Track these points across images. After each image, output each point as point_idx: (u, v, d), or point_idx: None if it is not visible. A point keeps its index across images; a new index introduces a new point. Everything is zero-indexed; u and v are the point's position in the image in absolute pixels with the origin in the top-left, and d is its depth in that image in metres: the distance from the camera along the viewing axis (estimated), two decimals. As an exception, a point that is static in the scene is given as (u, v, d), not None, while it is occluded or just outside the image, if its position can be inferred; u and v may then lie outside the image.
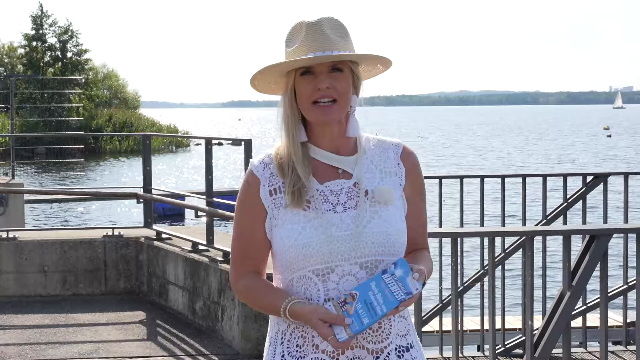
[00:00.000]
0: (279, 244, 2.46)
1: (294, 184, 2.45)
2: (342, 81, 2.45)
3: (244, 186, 2.53)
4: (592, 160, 49.20)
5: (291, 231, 2.43)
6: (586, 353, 6.52)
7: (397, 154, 2.56)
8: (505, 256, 6.92)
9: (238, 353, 6.90)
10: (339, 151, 2.51)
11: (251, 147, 7.27)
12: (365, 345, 2.43)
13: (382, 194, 2.47)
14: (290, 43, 2.49)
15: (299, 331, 2.47)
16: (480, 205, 7.05)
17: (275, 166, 2.50)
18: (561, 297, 4.32)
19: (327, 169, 2.50)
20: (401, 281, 2.34)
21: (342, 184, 2.48)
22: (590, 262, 4.22)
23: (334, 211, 2.45)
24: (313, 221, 2.43)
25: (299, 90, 2.46)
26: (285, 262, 2.46)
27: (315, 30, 2.45)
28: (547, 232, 4.85)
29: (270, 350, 2.53)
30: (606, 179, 7.10)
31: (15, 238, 8.91)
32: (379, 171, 2.52)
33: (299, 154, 2.46)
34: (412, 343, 2.52)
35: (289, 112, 2.48)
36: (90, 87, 59.07)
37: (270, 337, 2.55)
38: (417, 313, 4.90)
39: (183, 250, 8.11)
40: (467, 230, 4.75)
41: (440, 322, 6.78)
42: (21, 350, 7.07)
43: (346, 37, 2.49)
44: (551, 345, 4.38)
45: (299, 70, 2.46)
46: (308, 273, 2.43)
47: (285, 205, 2.46)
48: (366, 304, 2.33)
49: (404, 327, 2.50)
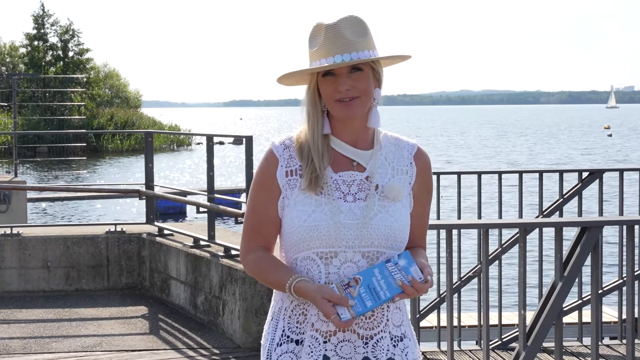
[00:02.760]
0: (288, 223, 2.58)
1: (312, 171, 2.56)
2: (362, 80, 2.56)
3: (262, 164, 2.65)
4: (595, 159, 49.23)
5: (302, 212, 2.55)
6: (582, 347, 6.61)
7: (411, 154, 2.68)
8: (502, 251, 7.01)
9: (239, 347, 7.00)
10: (357, 144, 2.63)
11: (252, 144, 7.37)
12: (357, 330, 2.55)
13: (391, 190, 2.59)
14: (312, 44, 2.60)
15: (300, 309, 2.59)
16: (477, 200, 7.15)
17: (295, 149, 2.62)
18: (553, 288, 4.43)
19: (344, 160, 2.62)
20: (404, 270, 2.45)
21: (355, 176, 2.60)
22: (581, 254, 4.33)
23: (344, 200, 2.57)
24: (323, 206, 2.55)
25: (322, 90, 2.58)
26: (292, 241, 2.58)
27: (334, 32, 2.54)
28: (540, 224, 4.95)
29: (272, 324, 2.66)
30: (602, 175, 7.19)
31: (19, 234, 9.01)
32: (392, 168, 2.64)
33: (317, 145, 2.58)
34: (406, 333, 2.64)
35: (311, 109, 2.61)
36: (91, 87, 59.14)
37: (273, 312, 2.67)
38: (413, 308, 4.99)
39: (185, 246, 8.21)
40: (462, 222, 4.86)
41: (438, 316, 6.87)
42: (25, 343, 7.18)
43: (365, 35, 2.57)
44: (543, 335, 4.49)
45: (320, 72, 2.58)
46: (312, 254, 2.55)
47: (300, 188, 2.58)
48: (369, 289, 2.43)
49: (399, 318, 2.62)
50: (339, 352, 2.54)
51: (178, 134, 31.67)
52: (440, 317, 6.90)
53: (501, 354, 6.44)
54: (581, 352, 6.49)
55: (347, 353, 2.54)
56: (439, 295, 7.17)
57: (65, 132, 12.83)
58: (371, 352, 2.55)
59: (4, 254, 8.92)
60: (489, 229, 4.48)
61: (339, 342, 2.54)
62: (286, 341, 2.59)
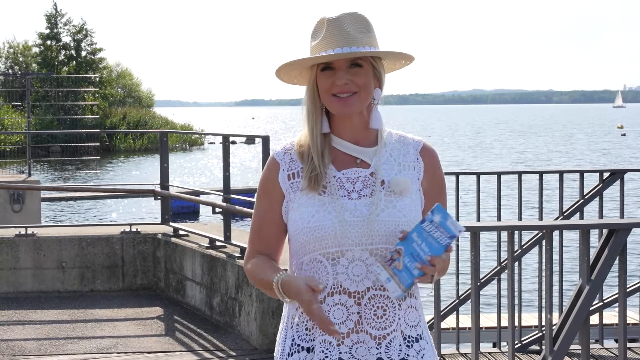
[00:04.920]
0: (292, 226, 2.52)
1: (312, 170, 2.51)
2: (361, 76, 2.50)
3: (265, 170, 2.61)
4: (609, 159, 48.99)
5: (305, 214, 2.49)
6: (603, 349, 6.52)
7: (417, 150, 2.60)
8: (522, 252, 6.92)
9: (255, 348, 6.93)
10: (359, 143, 2.57)
11: (268, 143, 7.31)
12: (369, 331, 2.47)
13: (398, 183, 2.51)
14: (314, 37, 2.55)
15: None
16: (497, 201, 7.06)
17: (296, 152, 2.57)
18: (580, 292, 4.33)
19: (346, 157, 2.56)
20: (442, 226, 2.35)
21: (359, 173, 2.53)
22: (609, 257, 4.24)
23: (349, 197, 2.50)
24: (327, 205, 2.48)
25: (319, 84, 2.52)
26: (298, 244, 2.52)
27: (336, 26, 2.49)
28: (565, 226, 4.85)
29: (282, 334, 2.59)
30: (623, 176, 7.09)
31: (33, 234, 8.97)
32: (397, 164, 2.57)
33: (317, 144, 2.52)
34: (422, 335, 2.55)
35: (310, 105, 2.55)
36: (104, 86, 59.20)
37: (284, 322, 2.61)
38: (436, 309, 4.92)
39: (200, 247, 8.15)
40: (486, 224, 4.77)
41: (457, 319, 6.80)
42: (40, 345, 7.13)
43: (368, 32, 2.52)
44: (569, 339, 4.40)
45: (319, 65, 2.52)
46: (319, 256, 2.48)
47: (301, 189, 2.52)
48: (413, 256, 2.35)
49: (414, 318, 2.53)
50: (354, 354, 2.46)
51: (193, 134, 31.64)
52: (459, 319, 6.82)
53: (522, 357, 6.35)
54: (602, 355, 6.39)
55: (362, 355, 2.47)
56: (458, 297, 7.10)
57: (78, 131, 12.80)
58: (384, 352, 2.47)
59: (19, 255, 8.89)
60: (514, 232, 4.39)
61: (353, 344, 2.47)
62: (297, 350, 2.52)
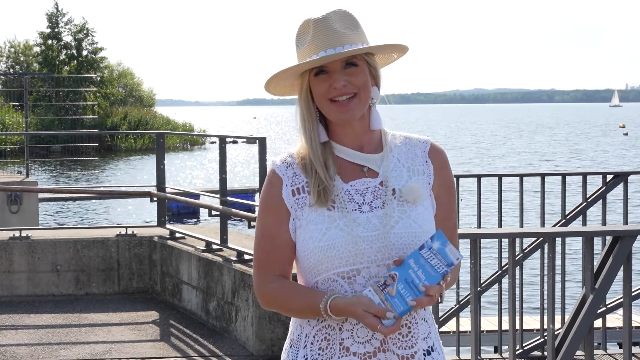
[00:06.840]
0: (302, 245, 2.36)
1: (319, 184, 2.35)
2: (358, 75, 2.34)
3: (266, 186, 2.43)
4: (613, 160, 48.84)
5: (315, 232, 2.33)
6: (606, 355, 6.40)
7: (425, 151, 2.45)
8: (524, 257, 6.80)
9: (252, 354, 6.81)
10: (363, 148, 2.41)
11: (265, 145, 7.19)
12: (395, 351, 2.33)
13: (411, 191, 2.36)
14: (300, 43, 2.39)
15: (322, 334, 2.37)
16: (498, 205, 6.93)
17: (299, 165, 2.40)
18: (584, 300, 4.20)
19: (352, 167, 2.40)
20: (440, 253, 2.23)
21: (367, 183, 2.38)
22: (613, 264, 4.10)
23: (360, 211, 2.34)
24: (338, 221, 2.32)
25: (314, 90, 2.36)
26: (309, 264, 2.35)
27: (323, 26, 2.34)
28: (568, 233, 4.70)
29: (292, 353, 2.43)
30: (627, 178, 6.96)
31: (28, 237, 8.85)
32: (407, 169, 2.42)
33: (318, 155, 2.36)
34: (434, 346, 2.43)
35: (305, 114, 2.39)
36: (105, 85, 59.14)
37: (292, 340, 2.45)
38: (434, 314, 4.80)
39: (197, 250, 8.03)
40: (487, 232, 4.63)
41: (457, 323, 6.68)
42: (33, 350, 7.00)
43: (356, 28, 2.37)
44: (574, 348, 4.27)
45: (312, 70, 2.36)
46: (333, 276, 2.32)
47: (309, 205, 2.36)
48: (407, 283, 2.23)
49: (425, 330, 2.40)
50: None
51: (190, 135, 31.53)
52: (459, 323, 6.70)
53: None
54: (606, 362, 6.27)
55: None
56: (458, 302, 6.99)
57: (76, 132, 12.69)
58: None
59: (13, 258, 8.76)
60: (515, 238, 4.26)
61: None
62: None
